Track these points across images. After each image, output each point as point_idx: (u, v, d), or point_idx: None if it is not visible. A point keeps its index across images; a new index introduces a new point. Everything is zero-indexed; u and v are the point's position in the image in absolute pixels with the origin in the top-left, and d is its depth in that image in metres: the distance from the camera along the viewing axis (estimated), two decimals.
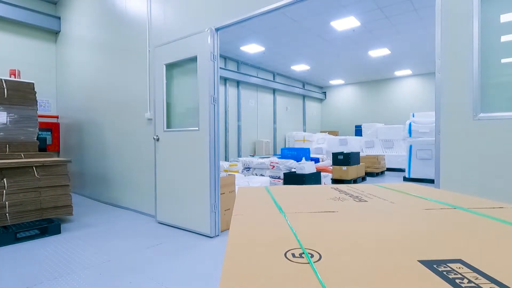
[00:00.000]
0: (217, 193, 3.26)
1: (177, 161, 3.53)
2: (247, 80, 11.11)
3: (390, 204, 0.68)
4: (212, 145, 3.20)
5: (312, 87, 15.46)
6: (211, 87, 3.18)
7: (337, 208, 0.65)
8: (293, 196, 0.81)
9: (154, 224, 3.76)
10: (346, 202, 0.72)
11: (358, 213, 0.59)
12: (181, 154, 3.49)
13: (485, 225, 0.50)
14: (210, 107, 3.18)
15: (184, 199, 3.47)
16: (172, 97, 3.75)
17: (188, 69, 3.53)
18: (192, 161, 3.37)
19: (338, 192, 0.86)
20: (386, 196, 0.77)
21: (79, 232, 3.50)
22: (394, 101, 13.76)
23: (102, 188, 5.12)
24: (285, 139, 13.36)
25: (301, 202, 0.72)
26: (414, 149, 7.21)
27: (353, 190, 0.89)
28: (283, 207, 0.67)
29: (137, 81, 4.26)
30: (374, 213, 0.59)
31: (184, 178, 3.46)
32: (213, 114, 3.20)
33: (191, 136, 3.37)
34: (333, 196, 0.80)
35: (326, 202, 0.72)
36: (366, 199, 0.75)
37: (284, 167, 5.64)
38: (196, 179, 3.32)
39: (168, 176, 3.64)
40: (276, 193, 0.86)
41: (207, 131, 3.19)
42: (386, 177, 8.21)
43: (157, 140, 3.76)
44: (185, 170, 3.44)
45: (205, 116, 3.21)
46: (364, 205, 0.67)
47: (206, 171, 3.21)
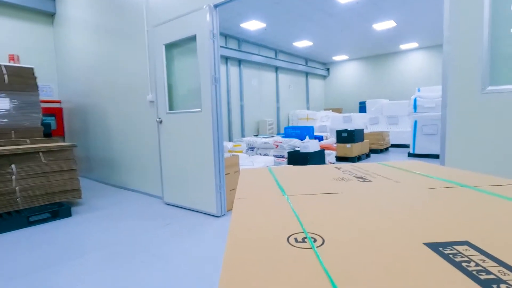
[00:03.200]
0: (222, 173, 3.28)
1: (181, 143, 3.54)
2: (249, 58, 10.89)
3: (395, 183, 0.67)
4: (215, 126, 3.18)
5: (315, 64, 15.14)
6: (211, 67, 3.12)
7: (340, 189, 0.64)
8: (296, 177, 0.80)
9: (162, 205, 3.84)
10: (350, 182, 0.70)
11: (362, 194, 0.58)
12: (184, 136, 3.49)
13: (492, 204, 0.49)
14: (211, 88, 3.13)
15: (190, 180, 3.50)
16: (174, 79, 3.70)
17: (188, 48, 3.45)
18: (195, 143, 3.37)
19: (342, 172, 0.85)
20: (390, 175, 0.76)
21: (89, 214, 3.59)
22: (399, 76, 13.47)
23: (109, 171, 5.19)
24: (288, 118, 13.27)
25: (304, 183, 0.72)
26: (419, 125, 7.13)
27: (357, 170, 0.88)
28: (286, 189, 0.66)
29: (137, 63, 4.19)
30: (378, 194, 0.58)
31: (189, 160, 3.48)
32: (214, 94, 3.16)
33: (193, 117, 3.35)
34: (337, 176, 0.79)
35: (329, 182, 0.71)
36: (370, 178, 0.73)
37: (288, 146, 5.63)
38: (201, 161, 3.34)
39: (173, 158, 3.67)
40: (279, 175, 0.85)
41: (209, 112, 3.17)
42: (391, 154, 8.19)
43: (160, 122, 3.75)
44: (190, 152, 3.45)
45: (207, 97, 3.18)
46: (368, 185, 0.66)
47: (210, 153, 3.22)
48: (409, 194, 0.56)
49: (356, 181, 0.71)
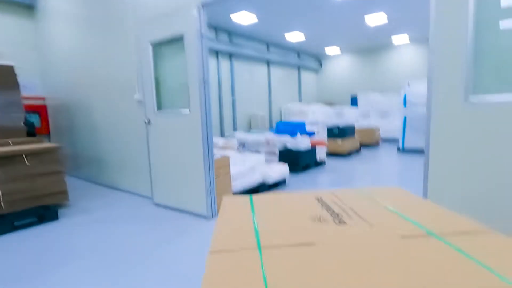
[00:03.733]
0: (212, 176, 3.26)
1: (170, 145, 3.49)
2: (240, 52, 10.76)
3: (369, 228, 0.66)
4: (204, 128, 3.14)
5: (307, 57, 15.07)
6: (200, 68, 3.06)
7: (315, 237, 0.63)
8: (274, 216, 0.80)
9: (152, 206, 3.80)
10: (325, 225, 0.70)
11: (333, 247, 0.58)
12: (173, 137, 3.44)
13: (449, 260, 0.50)
14: (200, 89, 3.08)
15: (179, 181, 3.47)
16: (162, 78, 3.63)
17: (176, 47, 3.37)
18: (185, 144, 3.33)
19: (320, 206, 0.84)
20: (366, 214, 0.76)
21: (77, 217, 3.54)
22: (390, 69, 13.52)
23: (97, 170, 5.12)
24: (280, 112, 13.25)
25: (281, 225, 0.71)
26: (409, 120, 7.20)
27: (336, 202, 0.87)
28: (261, 236, 0.66)
29: (124, 60, 4.09)
30: (350, 247, 0.58)
31: (178, 161, 3.44)
32: (203, 96, 3.11)
33: (182, 119, 3.30)
34: (315, 213, 0.78)
35: (306, 224, 0.71)
36: (346, 219, 0.73)
37: (279, 143, 5.63)
38: (190, 163, 3.30)
39: (162, 159, 3.62)
40: (258, 213, 0.84)
41: (198, 114, 3.12)
42: (381, 148, 8.27)
43: (148, 123, 3.68)
44: (179, 153, 3.41)
45: (195, 98, 3.13)
46: (342, 232, 0.66)
47: (199, 155, 3.18)
48: (378, 246, 0.57)
49: (332, 223, 0.71)
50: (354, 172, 5.49)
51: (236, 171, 3.80)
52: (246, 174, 3.95)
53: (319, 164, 5.95)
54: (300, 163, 5.29)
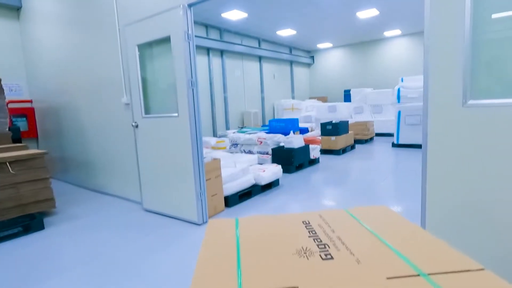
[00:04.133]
0: (202, 180, 3.18)
1: (159, 149, 3.39)
2: (231, 48, 10.62)
3: (356, 266, 0.64)
4: (193, 132, 3.05)
5: (299, 52, 14.97)
6: (188, 70, 2.96)
7: (299, 278, 0.61)
8: (259, 246, 0.78)
9: (141, 212, 3.71)
10: (311, 261, 0.68)
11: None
12: (162, 141, 3.34)
13: None
14: (188, 92, 2.98)
15: (169, 187, 3.38)
16: (149, 81, 3.51)
17: (163, 49, 3.26)
18: (174, 148, 3.23)
19: (307, 233, 0.83)
20: (354, 247, 0.73)
21: (64, 225, 3.43)
22: (383, 64, 13.49)
23: (86, 174, 4.99)
24: (273, 108, 13.17)
25: (265, 260, 0.70)
26: (403, 115, 7.17)
27: (323, 229, 0.85)
28: (243, 276, 0.63)
29: (111, 62, 3.95)
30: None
31: (168, 166, 3.35)
32: (192, 99, 3.01)
33: (171, 122, 3.20)
34: (301, 244, 0.76)
35: (291, 261, 0.69)
36: (334, 252, 0.71)
37: (272, 142, 5.55)
38: (180, 167, 3.21)
39: (151, 164, 3.52)
40: (243, 240, 0.82)
41: (186, 117, 3.03)
42: (375, 144, 8.26)
43: (136, 127, 3.57)
44: (168, 158, 3.32)
45: (183, 101, 3.03)
46: (328, 270, 0.63)
47: (189, 159, 3.10)
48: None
49: (318, 257, 0.69)
50: (349, 170, 5.46)
51: (227, 174, 3.73)
52: (238, 176, 3.87)
53: (313, 162, 5.90)
54: (294, 162, 5.23)
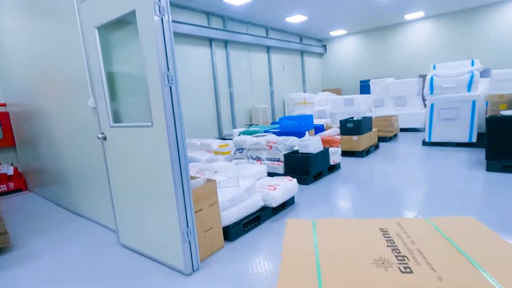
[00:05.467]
0: (190, 213, 2.29)
1: (133, 170, 2.52)
2: (236, 38, 9.64)
3: (437, 282, 0.60)
4: (173, 148, 2.15)
5: (310, 41, 13.85)
6: (161, 59, 2.05)
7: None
8: (337, 252, 0.78)
9: (117, 248, 2.87)
10: (390, 273, 0.66)
11: None
12: (135, 159, 2.46)
13: None
14: (163, 91, 2.07)
15: (148, 219, 2.51)
16: (118, 78, 2.62)
17: (131, 33, 2.35)
18: (149, 171, 2.35)
19: (385, 242, 0.81)
20: (436, 262, 0.68)
21: (19, 268, 2.62)
22: (404, 51, 12.25)
23: (61, 191, 4.19)
24: (284, 103, 12.17)
25: (343, 266, 0.71)
26: (436, 108, 6.11)
27: (401, 239, 0.81)
28: (323, 280, 0.66)
29: (72, 55, 3.08)
30: None
31: (144, 192, 2.47)
32: (169, 100, 2.11)
33: (144, 135, 2.31)
34: (379, 253, 0.76)
35: (369, 270, 0.68)
36: (413, 266, 0.68)
37: (284, 147, 4.62)
38: (158, 196, 2.33)
39: (125, 187, 2.66)
40: (321, 244, 0.84)
41: (163, 127, 2.13)
42: (401, 142, 7.21)
43: (103, 139, 2.70)
44: (143, 181, 2.44)
45: (157, 106, 2.12)
46: (406, 284, 0.60)
47: (169, 186, 2.21)
48: None
49: (397, 269, 0.67)
50: (378, 178, 4.49)
51: (228, 196, 2.83)
52: (242, 198, 2.97)
53: (333, 168, 4.95)
54: (311, 171, 4.29)
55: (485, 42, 10.54)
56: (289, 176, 3.75)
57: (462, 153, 5.45)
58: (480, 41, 10.62)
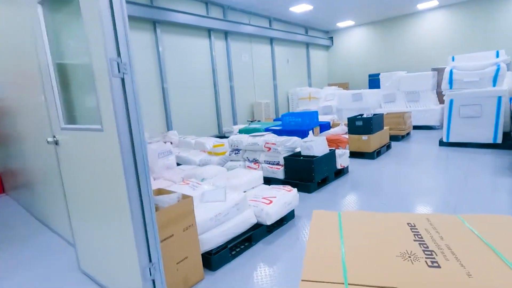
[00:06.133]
0: (154, 243, 1.76)
1: (86, 184, 2.00)
2: (238, 29, 9.04)
3: (465, 278, 0.58)
4: (128, 159, 1.61)
5: (316, 32, 13.15)
6: (109, 40, 1.50)
7: (403, 281, 0.60)
8: (363, 244, 0.78)
9: (77, 276, 2.37)
10: (416, 266, 0.66)
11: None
12: (88, 171, 1.94)
13: None
14: (113, 84, 1.53)
15: (105, 245, 2.00)
16: (70, 68, 2.09)
17: None
18: (103, 187, 1.83)
19: (413, 237, 0.80)
20: (466, 258, 0.66)
21: None
22: (416, 43, 11.51)
23: (30, 196, 3.73)
24: (287, 98, 11.57)
25: (369, 258, 0.71)
26: (456, 105, 5.48)
27: (429, 234, 0.80)
28: (348, 271, 0.66)
29: (22, 38, 2.56)
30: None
31: (99, 213, 1.95)
32: (121, 96, 1.57)
33: (95, 141, 1.79)
34: (406, 247, 0.75)
35: (395, 263, 0.68)
36: (441, 261, 0.67)
37: (284, 149, 4.07)
38: (114, 220, 1.81)
39: (82, 203, 2.14)
40: (347, 236, 0.83)
41: (114, 131, 1.59)
42: (415, 140, 6.59)
43: (55, 143, 2.18)
44: (99, 201, 1.92)
45: (107, 103, 1.59)
46: (434, 278, 0.60)
47: (124, 208, 1.68)
48: None
49: (424, 263, 0.67)
50: (393, 186, 3.92)
51: (211, 214, 2.30)
52: (229, 215, 2.44)
53: (341, 172, 4.38)
54: (315, 177, 3.74)
55: (507, 32, 9.74)
56: (288, 185, 3.20)
57: (486, 156, 4.84)
58: (501, 31, 9.83)
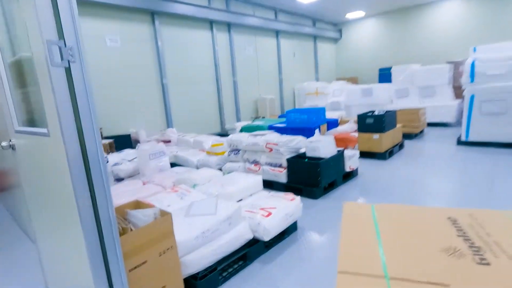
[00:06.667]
0: (118, 273, 1.41)
1: (45, 197, 1.66)
2: (241, 21, 8.63)
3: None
4: (78, 171, 1.26)
5: (324, 25, 12.62)
6: (46, 17, 1.14)
7: (449, 277, 0.57)
8: (400, 238, 0.74)
9: None
10: (462, 262, 0.61)
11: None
12: (43, 182, 1.60)
13: None
14: (53, 75, 1.17)
15: (67, 269, 1.66)
16: (23, 61, 1.74)
17: None
18: (56, 203, 1.49)
19: (456, 232, 0.75)
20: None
21: None
22: (430, 35, 10.90)
23: (13, 198, 3.43)
24: (293, 94, 11.13)
25: (408, 253, 0.68)
26: (477, 100, 5.00)
27: (474, 230, 0.74)
28: (388, 264, 0.63)
29: None
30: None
31: (58, 233, 1.62)
32: (66, 90, 1.20)
33: (43, 146, 1.44)
34: (449, 243, 0.70)
35: (438, 258, 0.64)
36: (490, 257, 0.62)
37: (287, 150, 3.68)
38: (69, 242, 1.46)
39: (42, 218, 1.81)
40: (382, 229, 0.79)
41: (59, 135, 1.23)
42: (429, 139, 6.13)
43: (12, 148, 1.85)
44: (55, 219, 1.58)
45: (49, 99, 1.23)
46: (484, 275, 0.56)
47: (77, 231, 1.33)
48: None
49: (471, 260, 0.62)
50: (408, 190, 3.51)
51: (196, 231, 1.95)
52: (220, 231, 2.08)
53: (350, 175, 3.98)
54: (321, 181, 3.35)
55: None
56: (291, 192, 2.82)
57: (505, 154, 4.38)
58: None
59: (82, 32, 1.21)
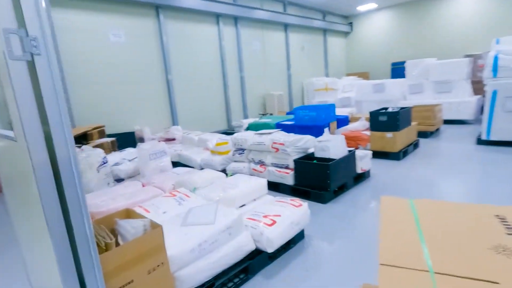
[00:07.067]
0: None
1: (21, 204, 1.50)
2: (248, 14, 8.37)
3: None
4: (45, 181, 1.08)
5: (334, 18, 12.25)
6: (4, 0, 0.95)
7: (499, 275, 0.55)
8: (443, 233, 0.72)
9: None
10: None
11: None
12: (19, 191, 1.43)
13: None
14: (12, 70, 0.98)
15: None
16: None
17: None
18: (29, 212, 1.32)
19: (504, 230, 0.72)
20: None
21: None
22: (446, 28, 10.43)
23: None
24: (302, 89, 10.84)
25: (453, 248, 0.65)
26: (500, 96, 4.66)
27: None
28: (432, 258, 0.62)
29: None
30: None
31: (36, 248, 1.45)
32: (29, 88, 1.02)
33: (13, 152, 1.27)
34: (497, 240, 0.67)
35: (486, 255, 0.62)
36: None
37: (295, 150, 3.46)
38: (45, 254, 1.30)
39: (22, 227, 1.66)
40: (423, 223, 0.78)
41: (22, 140, 1.05)
42: (445, 137, 5.80)
43: None
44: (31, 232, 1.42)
45: (11, 99, 1.05)
46: None
47: (49, 244, 1.15)
48: None
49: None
50: (425, 194, 3.26)
51: (192, 244, 1.76)
52: (218, 242, 1.89)
53: (361, 177, 3.74)
54: (331, 184, 3.13)
55: None
56: (298, 197, 2.62)
57: None
58: None
59: (55, 22, 1.02)
